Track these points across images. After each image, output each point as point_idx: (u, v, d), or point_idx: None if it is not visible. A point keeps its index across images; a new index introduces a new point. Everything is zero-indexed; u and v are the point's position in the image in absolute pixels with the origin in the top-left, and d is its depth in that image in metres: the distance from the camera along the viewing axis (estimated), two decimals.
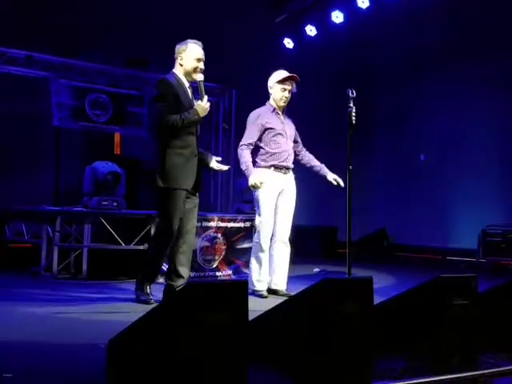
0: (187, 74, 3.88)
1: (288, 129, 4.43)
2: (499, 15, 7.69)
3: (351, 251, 3.66)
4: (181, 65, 3.87)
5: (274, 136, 4.34)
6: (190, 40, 3.90)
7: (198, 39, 3.95)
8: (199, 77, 3.86)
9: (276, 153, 4.34)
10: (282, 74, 4.42)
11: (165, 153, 3.74)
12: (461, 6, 8.01)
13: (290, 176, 4.47)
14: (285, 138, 4.38)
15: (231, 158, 9.13)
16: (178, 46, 3.92)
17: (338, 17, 8.43)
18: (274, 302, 2.89)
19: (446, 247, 8.29)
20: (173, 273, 3.85)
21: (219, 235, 5.34)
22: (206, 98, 3.78)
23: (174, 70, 3.92)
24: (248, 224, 5.52)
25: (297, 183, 4.54)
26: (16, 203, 6.08)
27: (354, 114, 3.71)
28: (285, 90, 4.38)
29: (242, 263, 5.42)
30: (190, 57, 3.85)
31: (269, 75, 4.49)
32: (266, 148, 4.34)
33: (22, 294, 4.19)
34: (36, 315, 3.45)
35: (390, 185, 9.34)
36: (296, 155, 4.55)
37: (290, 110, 4.55)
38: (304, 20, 8.93)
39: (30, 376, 2.21)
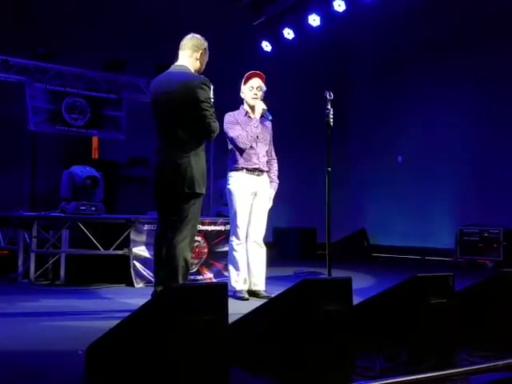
0: (197, 72, 3.60)
1: (261, 132, 4.42)
2: (473, 18, 7.83)
3: (331, 252, 3.68)
4: (197, 59, 3.58)
5: None
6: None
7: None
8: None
9: (246, 156, 4.36)
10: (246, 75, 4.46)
11: (199, 156, 3.50)
12: (436, 9, 8.14)
13: (264, 178, 4.47)
14: (255, 142, 4.37)
15: (210, 161, 9.11)
16: (199, 40, 3.60)
17: (315, 20, 8.51)
18: (254, 304, 2.89)
19: (425, 247, 8.40)
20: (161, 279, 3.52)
21: (200, 239, 5.31)
22: None
23: (187, 65, 3.56)
24: (228, 227, 5.50)
25: None
26: None
27: (331, 116, 3.74)
28: (252, 87, 4.42)
29: (222, 266, 5.40)
30: (207, 56, 3.63)
31: None
32: (238, 151, 4.36)
33: None
34: (13, 322, 3.39)
35: (369, 186, 9.43)
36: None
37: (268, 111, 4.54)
38: (282, 23, 8.99)
39: None
